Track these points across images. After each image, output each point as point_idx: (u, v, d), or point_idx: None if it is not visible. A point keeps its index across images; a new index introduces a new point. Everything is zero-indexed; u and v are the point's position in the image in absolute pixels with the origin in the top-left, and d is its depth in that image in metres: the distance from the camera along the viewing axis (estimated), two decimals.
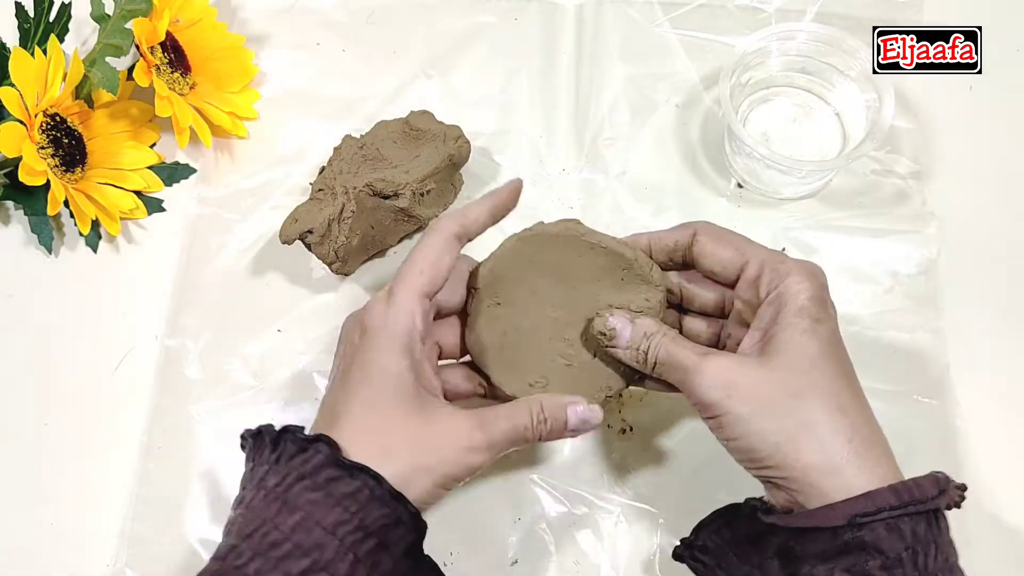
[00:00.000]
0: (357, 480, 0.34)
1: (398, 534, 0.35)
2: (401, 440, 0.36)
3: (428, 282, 0.39)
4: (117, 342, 0.53)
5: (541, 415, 0.39)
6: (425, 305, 0.39)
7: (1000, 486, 0.48)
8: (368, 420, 0.37)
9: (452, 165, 0.53)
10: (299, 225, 0.50)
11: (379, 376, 0.37)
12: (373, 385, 0.37)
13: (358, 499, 0.34)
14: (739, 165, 0.56)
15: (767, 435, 0.36)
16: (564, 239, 0.43)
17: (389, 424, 0.37)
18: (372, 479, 0.35)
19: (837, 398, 0.36)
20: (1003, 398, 0.50)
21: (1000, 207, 0.55)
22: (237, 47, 0.59)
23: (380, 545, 0.34)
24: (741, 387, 0.37)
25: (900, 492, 0.34)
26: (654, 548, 0.47)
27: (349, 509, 0.34)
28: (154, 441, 0.50)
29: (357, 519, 0.34)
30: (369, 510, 0.34)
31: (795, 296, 0.38)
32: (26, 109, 0.50)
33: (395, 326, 0.38)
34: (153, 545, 0.48)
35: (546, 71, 0.60)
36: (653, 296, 0.43)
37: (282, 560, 0.33)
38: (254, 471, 0.37)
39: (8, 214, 0.57)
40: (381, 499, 0.35)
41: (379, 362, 0.37)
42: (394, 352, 0.37)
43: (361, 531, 0.34)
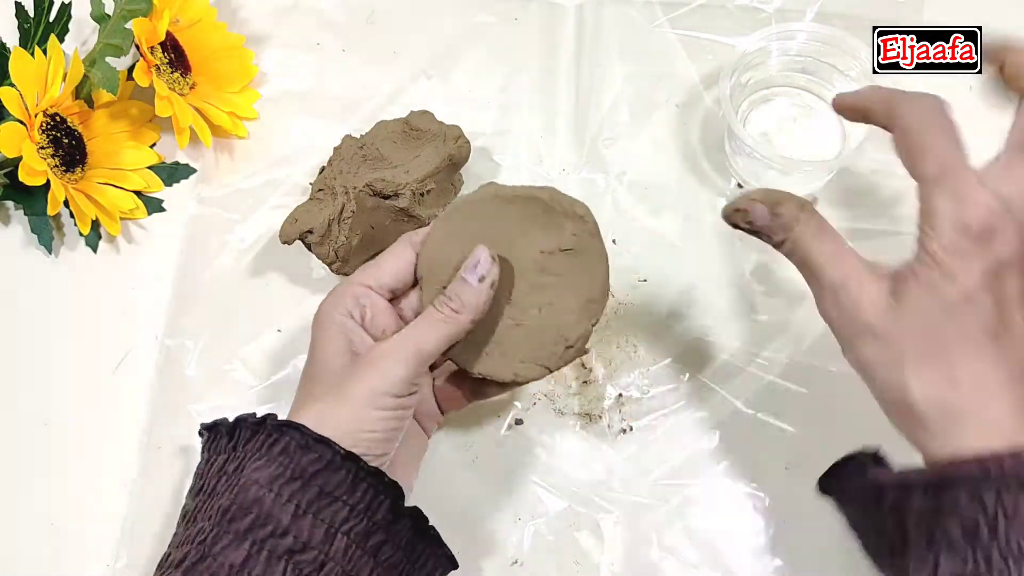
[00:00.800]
0: (286, 436, 0.36)
1: (339, 481, 0.36)
2: (324, 387, 0.39)
3: (368, 275, 0.42)
4: (117, 342, 0.53)
5: (444, 296, 0.40)
6: (357, 291, 0.42)
7: None
8: (304, 387, 0.40)
9: (452, 165, 0.53)
10: (299, 225, 0.50)
11: (314, 351, 0.41)
12: (311, 361, 0.41)
13: (287, 451, 0.36)
14: (739, 165, 0.56)
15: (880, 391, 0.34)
16: (478, 203, 0.43)
17: (318, 383, 0.39)
18: (295, 430, 0.36)
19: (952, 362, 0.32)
20: None
21: None
22: (237, 47, 0.59)
23: (324, 494, 0.36)
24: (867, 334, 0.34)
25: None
26: (654, 548, 0.47)
27: (282, 463, 0.36)
28: (154, 441, 0.50)
29: (289, 471, 0.36)
30: (297, 458, 0.36)
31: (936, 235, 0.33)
32: (26, 109, 0.50)
33: (326, 310, 0.41)
34: (153, 544, 0.48)
35: (546, 71, 0.60)
36: (582, 228, 0.42)
37: (231, 522, 0.35)
38: (211, 461, 0.39)
39: (8, 214, 0.57)
40: (305, 446, 0.36)
41: (316, 341, 0.41)
42: (325, 329, 0.41)
43: (297, 480, 0.36)
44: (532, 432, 0.50)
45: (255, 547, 0.34)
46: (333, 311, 0.41)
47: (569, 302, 0.42)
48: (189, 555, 0.35)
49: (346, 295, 0.42)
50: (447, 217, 0.43)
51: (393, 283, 0.43)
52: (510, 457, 0.49)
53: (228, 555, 0.34)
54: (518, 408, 0.50)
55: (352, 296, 0.41)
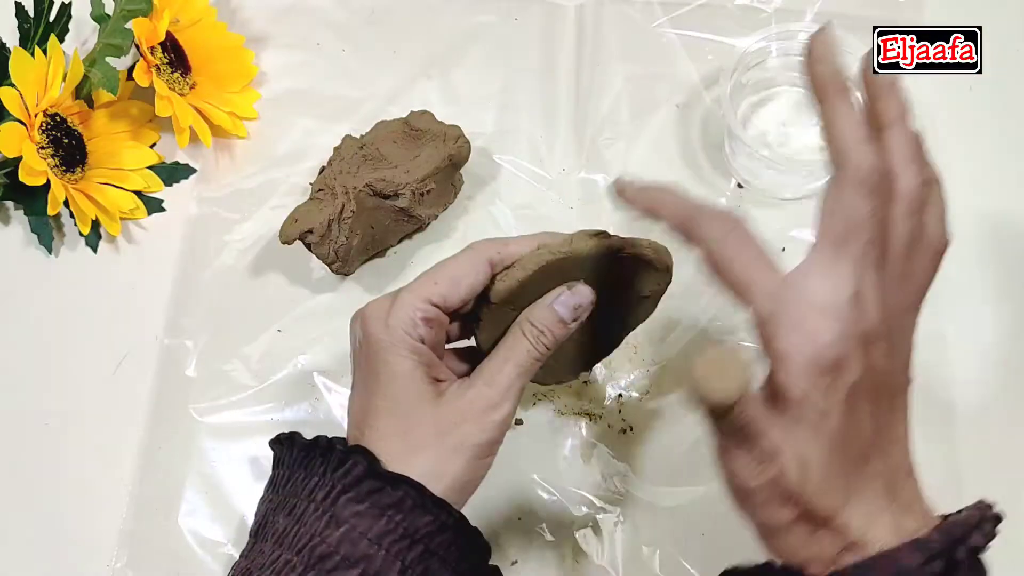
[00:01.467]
0: (399, 491, 0.35)
1: (445, 540, 0.35)
2: (423, 434, 0.37)
3: (440, 293, 0.38)
4: (117, 342, 0.53)
5: (534, 330, 0.38)
6: (429, 312, 0.38)
7: (1000, 486, 0.48)
8: (390, 426, 0.37)
9: (452, 165, 0.53)
10: (299, 225, 0.50)
11: (389, 381, 0.37)
12: (386, 396, 0.37)
13: (401, 509, 0.35)
14: (739, 165, 0.56)
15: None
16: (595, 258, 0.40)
17: (409, 423, 0.37)
18: (413, 488, 0.35)
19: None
20: (1003, 398, 0.50)
21: (1000, 207, 0.55)
22: (237, 47, 0.59)
23: (428, 552, 0.35)
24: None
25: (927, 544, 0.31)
26: (654, 548, 0.47)
27: (393, 519, 0.35)
28: (154, 441, 0.50)
29: (402, 528, 0.34)
30: (412, 518, 0.35)
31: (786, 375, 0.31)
32: (26, 109, 0.50)
33: (397, 331, 0.37)
34: (153, 545, 0.48)
35: (546, 71, 0.60)
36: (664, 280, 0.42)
37: (332, 572, 0.34)
38: (305, 481, 0.37)
39: (8, 214, 0.57)
40: (424, 506, 0.35)
41: (387, 368, 0.37)
42: (398, 357, 0.37)
43: (407, 539, 0.34)
44: (532, 432, 0.50)
45: None
46: (406, 338, 0.37)
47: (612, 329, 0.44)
48: None
49: (412, 315, 0.37)
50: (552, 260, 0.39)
51: (461, 304, 0.39)
52: (510, 457, 0.49)
53: None
54: (518, 408, 0.50)
55: (422, 318, 0.38)
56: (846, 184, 0.33)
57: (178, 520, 0.48)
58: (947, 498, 0.48)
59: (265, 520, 0.37)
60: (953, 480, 0.48)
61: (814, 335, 0.31)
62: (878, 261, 0.32)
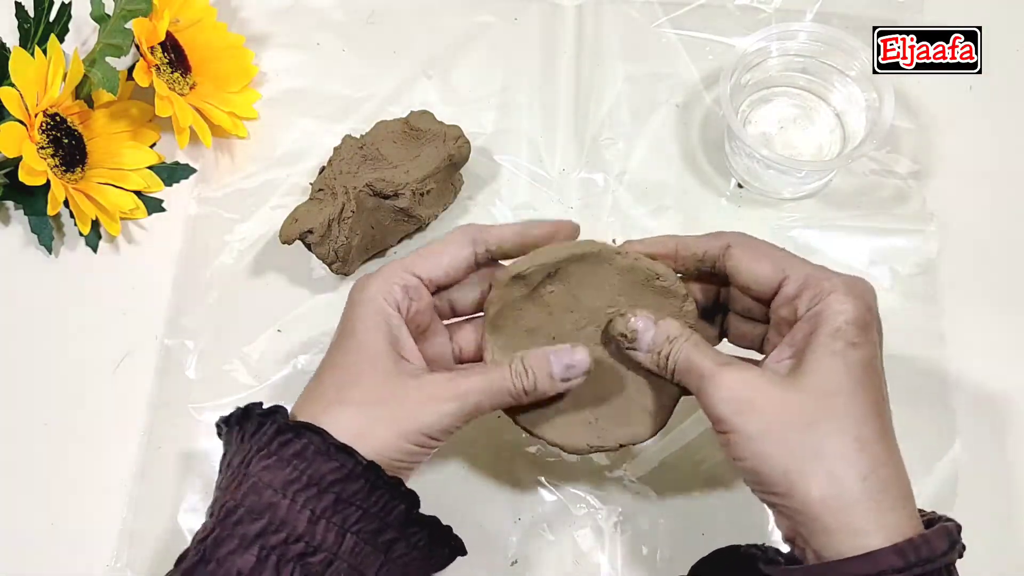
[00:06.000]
0: (303, 438, 0.35)
1: (359, 489, 0.35)
2: (360, 392, 0.37)
3: (422, 264, 0.40)
4: (117, 342, 0.53)
5: (520, 368, 0.38)
6: (409, 280, 0.39)
7: (1000, 486, 0.48)
8: (332, 379, 0.38)
9: (452, 165, 0.53)
10: (299, 225, 0.50)
11: (349, 338, 0.38)
12: (344, 347, 0.38)
13: (304, 456, 0.34)
14: (739, 165, 0.56)
15: (775, 459, 0.34)
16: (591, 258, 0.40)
17: (349, 378, 0.37)
18: (316, 435, 0.35)
19: (858, 430, 0.33)
20: (1003, 398, 0.50)
21: (1000, 207, 0.55)
22: (237, 47, 0.59)
23: (341, 500, 0.34)
24: (755, 405, 0.34)
25: (907, 552, 0.31)
26: (654, 548, 0.47)
27: (298, 468, 0.34)
28: (154, 441, 0.50)
29: (306, 476, 0.34)
30: (316, 465, 0.34)
31: (833, 317, 0.35)
32: (26, 109, 0.50)
33: (374, 293, 0.38)
34: (153, 544, 0.48)
35: (546, 71, 0.60)
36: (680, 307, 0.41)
37: (237, 525, 0.34)
38: (224, 453, 0.38)
39: (8, 214, 0.57)
40: (326, 453, 0.34)
41: (353, 326, 0.38)
42: (367, 316, 0.38)
43: (314, 487, 0.34)
44: None
45: (264, 552, 0.33)
46: (379, 299, 0.38)
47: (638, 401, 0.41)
48: (188, 554, 0.34)
49: (395, 283, 0.39)
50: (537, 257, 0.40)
51: (445, 278, 0.40)
52: (510, 457, 0.49)
53: (235, 561, 0.33)
54: None
55: (402, 286, 0.39)
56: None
57: (178, 520, 0.48)
58: (947, 498, 0.49)
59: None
60: (954, 481, 0.48)
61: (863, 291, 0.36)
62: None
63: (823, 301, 0.35)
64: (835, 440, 0.33)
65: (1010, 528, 0.48)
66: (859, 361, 0.34)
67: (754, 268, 0.38)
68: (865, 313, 0.35)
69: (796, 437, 0.33)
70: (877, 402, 0.35)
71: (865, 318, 0.35)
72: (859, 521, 0.32)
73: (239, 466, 0.36)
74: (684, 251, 0.41)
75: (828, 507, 0.32)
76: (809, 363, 0.35)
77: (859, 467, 0.33)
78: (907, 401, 0.50)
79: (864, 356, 0.35)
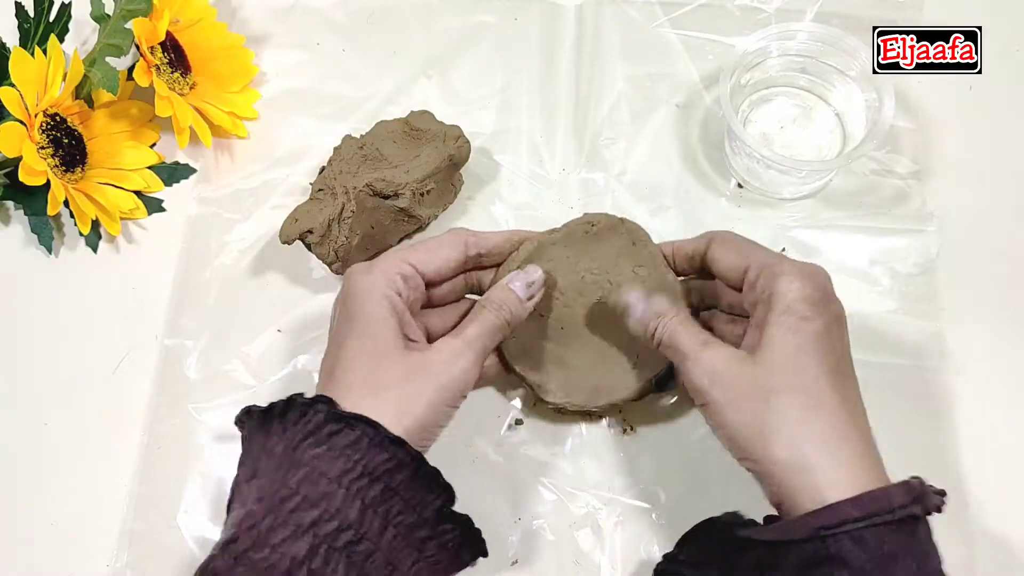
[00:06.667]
0: (356, 430, 0.36)
1: (404, 479, 0.36)
2: (389, 375, 0.39)
3: (417, 256, 0.43)
4: (117, 342, 0.53)
5: (494, 304, 0.43)
6: (407, 270, 0.42)
7: (1001, 485, 0.48)
8: (359, 368, 0.39)
9: (452, 165, 0.53)
10: (299, 225, 0.50)
11: (362, 326, 0.40)
12: (358, 334, 0.40)
13: (359, 447, 0.36)
14: (739, 165, 0.56)
15: (741, 427, 0.37)
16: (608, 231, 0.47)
17: (377, 365, 0.39)
18: (370, 427, 0.36)
19: (816, 396, 0.36)
20: (1003, 397, 0.50)
21: (1000, 207, 0.55)
22: (237, 47, 0.59)
23: (388, 489, 0.36)
24: (724, 378, 0.38)
25: (864, 503, 0.33)
26: (654, 548, 0.47)
27: (352, 458, 0.36)
28: (154, 441, 0.50)
29: (360, 466, 0.35)
30: (371, 456, 0.36)
31: (783, 295, 0.38)
32: (26, 109, 0.50)
33: (377, 280, 0.41)
34: (153, 544, 0.48)
35: (546, 71, 0.60)
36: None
37: (293, 513, 0.35)
38: (260, 441, 0.38)
39: (8, 214, 0.57)
40: (380, 444, 0.36)
41: (362, 314, 0.40)
42: (374, 303, 0.40)
43: (366, 477, 0.35)
44: (532, 432, 0.50)
45: (318, 540, 0.34)
46: (384, 286, 0.41)
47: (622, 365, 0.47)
48: (240, 540, 0.35)
49: (394, 271, 0.42)
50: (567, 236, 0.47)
51: (435, 275, 0.43)
52: (510, 457, 0.49)
53: (289, 548, 0.34)
54: (518, 408, 0.50)
55: (401, 274, 0.42)
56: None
57: (178, 520, 0.48)
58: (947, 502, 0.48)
59: (232, 495, 0.38)
60: (954, 483, 0.48)
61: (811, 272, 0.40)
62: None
63: (775, 282, 0.39)
64: (793, 407, 0.36)
65: (1014, 527, 0.48)
66: (811, 332, 0.38)
67: (724, 258, 0.43)
68: (814, 292, 0.39)
69: (759, 406, 0.37)
70: (832, 370, 0.37)
71: (814, 296, 0.38)
72: (821, 479, 0.34)
73: (283, 452, 0.36)
74: (679, 253, 0.46)
75: (792, 468, 0.35)
76: (766, 338, 0.38)
77: (817, 429, 0.36)
78: (907, 401, 0.50)
79: (816, 328, 0.38)
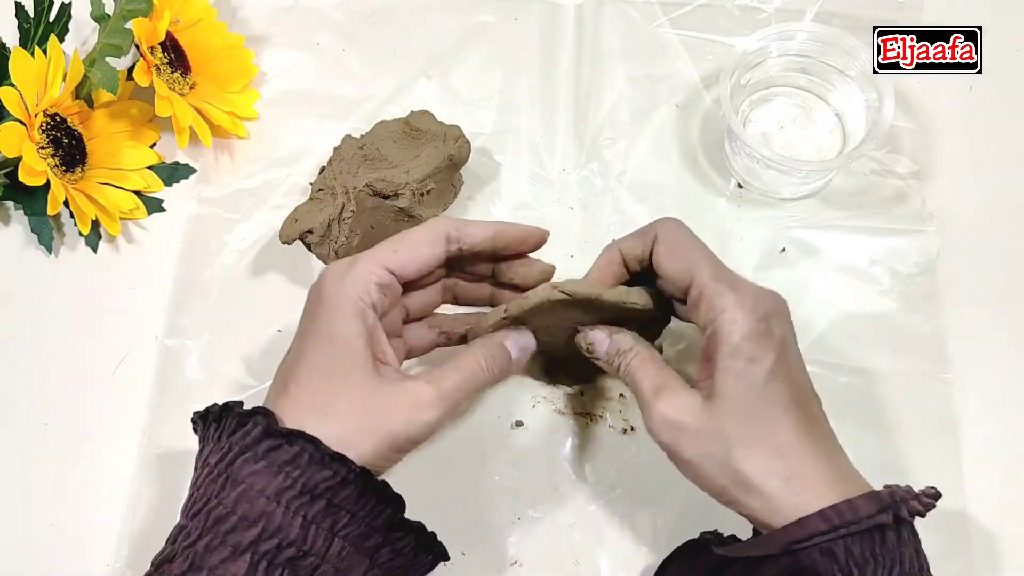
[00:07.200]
0: (295, 446, 0.35)
1: (349, 494, 0.35)
2: (346, 403, 0.36)
3: (397, 260, 0.39)
4: (117, 342, 0.53)
5: (487, 358, 0.41)
6: (385, 278, 0.39)
7: (1001, 485, 0.48)
8: (315, 384, 0.37)
9: (452, 165, 0.53)
10: (299, 225, 0.50)
11: (327, 340, 0.37)
12: (321, 349, 0.37)
13: (298, 464, 0.34)
14: (739, 165, 0.56)
15: (704, 476, 0.37)
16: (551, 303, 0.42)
17: (334, 387, 0.37)
18: (309, 443, 0.35)
19: (773, 439, 0.36)
20: (1003, 397, 0.50)
21: (1000, 207, 0.55)
22: (237, 47, 0.59)
23: (331, 505, 0.35)
24: (684, 433, 0.37)
25: (831, 516, 0.34)
26: (654, 549, 0.47)
27: (291, 475, 0.34)
28: (154, 441, 0.50)
29: (300, 484, 0.34)
30: (310, 474, 0.34)
31: (728, 336, 0.37)
32: (26, 109, 0.50)
33: (350, 291, 0.38)
34: (152, 545, 0.48)
35: (546, 71, 0.60)
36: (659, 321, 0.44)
37: (230, 533, 0.34)
38: (199, 450, 0.38)
39: (8, 214, 0.57)
40: (320, 462, 0.34)
41: (330, 326, 0.37)
42: (345, 316, 0.37)
43: (307, 494, 0.34)
44: (533, 432, 0.50)
45: (256, 558, 0.33)
46: (356, 298, 0.38)
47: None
48: (176, 560, 0.34)
49: (368, 278, 0.38)
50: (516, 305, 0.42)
51: (415, 276, 0.40)
52: (511, 457, 0.49)
53: (227, 568, 0.33)
54: (519, 409, 0.50)
55: (376, 283, 0.38)
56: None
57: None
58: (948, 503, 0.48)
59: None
60: (953, 484, 0.48)
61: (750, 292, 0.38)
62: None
63: (718, 319, 0.37)
64: (757, 457, 0.36)
65: (1014, 528, 0.48)
66: (762, 373, 0.36)
67: (668, 266, 0.40)
68: (757, 324, 0.37)
69: (721, 456, 0.36)
70: (789, 403, 0.36)
71: (758, 329, 0.37)
72: (795, 514, 0.35)
73: (217, 464, 0.35)
74: (628, 256, 0.42)
75: (765, 513, 0.35)
76: (719, 386, 0.37)
77: (780, 474, 0.35)
78: (906, 401, 0.50)
79: (765, 368, 0.36)
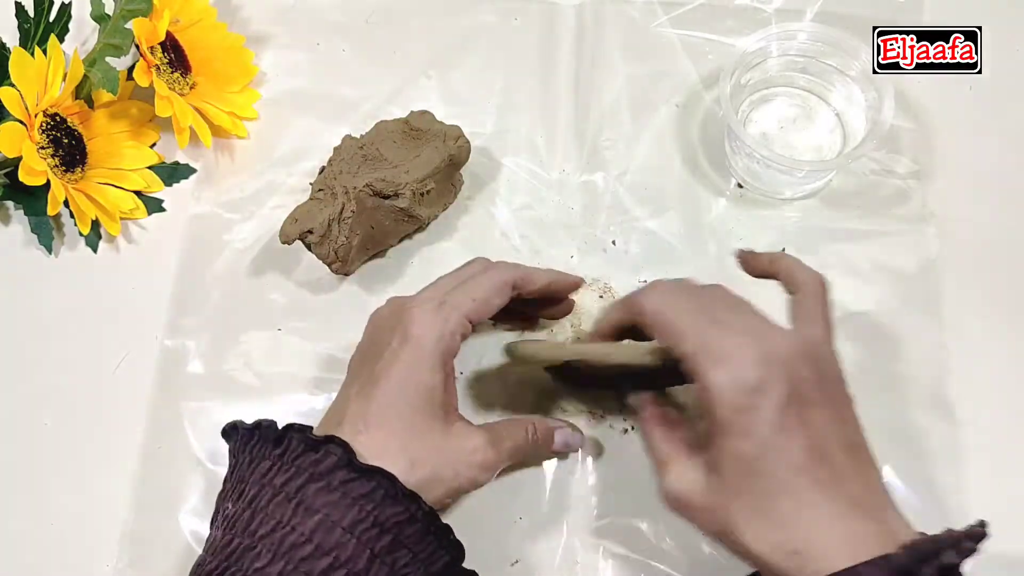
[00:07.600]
0: (372, 481, 0.36)
1: (415, 533, 0.36)
2: (426, 451, 0.39)
3: (475, 312, 0.42)
4: (117, 342, 0.53)
5: (535, 435, 0.44)
6: (468, 329, 0.42)
7: (1001, 486, 0.48)
8: (394, 426, 0.39)
9: (452, 165, 0.53)
10: (299, 225, 0.50)
11: (414, 387, 0.39)
12: (406, 395, 0.39)
13: (372, 498, 0.36)
14: (739, 165, 0.56)
15: (724, 548, 0.37)
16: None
17: (416, 434, 0.39)
18: (386, 479, 0.36)
19: (777, 510, 0.35)
20: (1004, 398, 0.50)
21: (1000, 207, 0.55)
22: (237, 47, 0.59)
23: (396, 542, 0.36)
24: (691, 510, 0.38)
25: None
26: (655, 551, 0.47)
27: (365, 508, 0.36)
28: (153, 441, 0.50)
29: (372, 517, 0.36)
30: (383, 508, 0.36)
31: (716, 410, 0.36)
32: (26, 109, 0.50)
33: (440, 341, 0.40)
34: (153, 545, 0.48)
35: (546, 71, 0.60)
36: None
37: (304, 560, 0.35)
38: (253, 465, 0.38)
39: (8, 214, 0.57)
40: (395, 498, 0.36)
41: (418, 373, 0.39)
42: (434, 366, 0.40)
43: (376, 527, 0.35)
44: None
45: None
46: (444, 346, 0.40)
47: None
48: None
49: (456, 328, 0.41)
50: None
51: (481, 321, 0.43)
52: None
53: None
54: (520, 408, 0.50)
55: (462, 333, 0.41)
56: None
57: (178, 520, 0.48)
58: (949, 504, 0.49)
59: (216, 509, 0.38)
60: (954, 485, 0.48)
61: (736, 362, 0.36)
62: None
63: (704, 396, 0.36)
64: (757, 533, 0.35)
65: (1014, 528, 0.48)
66: (755, 447, 0.35)
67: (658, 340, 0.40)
68: (746, 398, 0.35)
69: (728, 535, 0.36)
70: (803, 465, 0.35)
71: (747, 403, 0.35)
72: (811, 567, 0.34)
73: (283, 486, 0.36)
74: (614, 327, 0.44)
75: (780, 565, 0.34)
76: (716, 462, 0.36)
77: (786, 547, 0.34)
78: (906, 401, 0.50)
79: (761, 438, 0.35)
